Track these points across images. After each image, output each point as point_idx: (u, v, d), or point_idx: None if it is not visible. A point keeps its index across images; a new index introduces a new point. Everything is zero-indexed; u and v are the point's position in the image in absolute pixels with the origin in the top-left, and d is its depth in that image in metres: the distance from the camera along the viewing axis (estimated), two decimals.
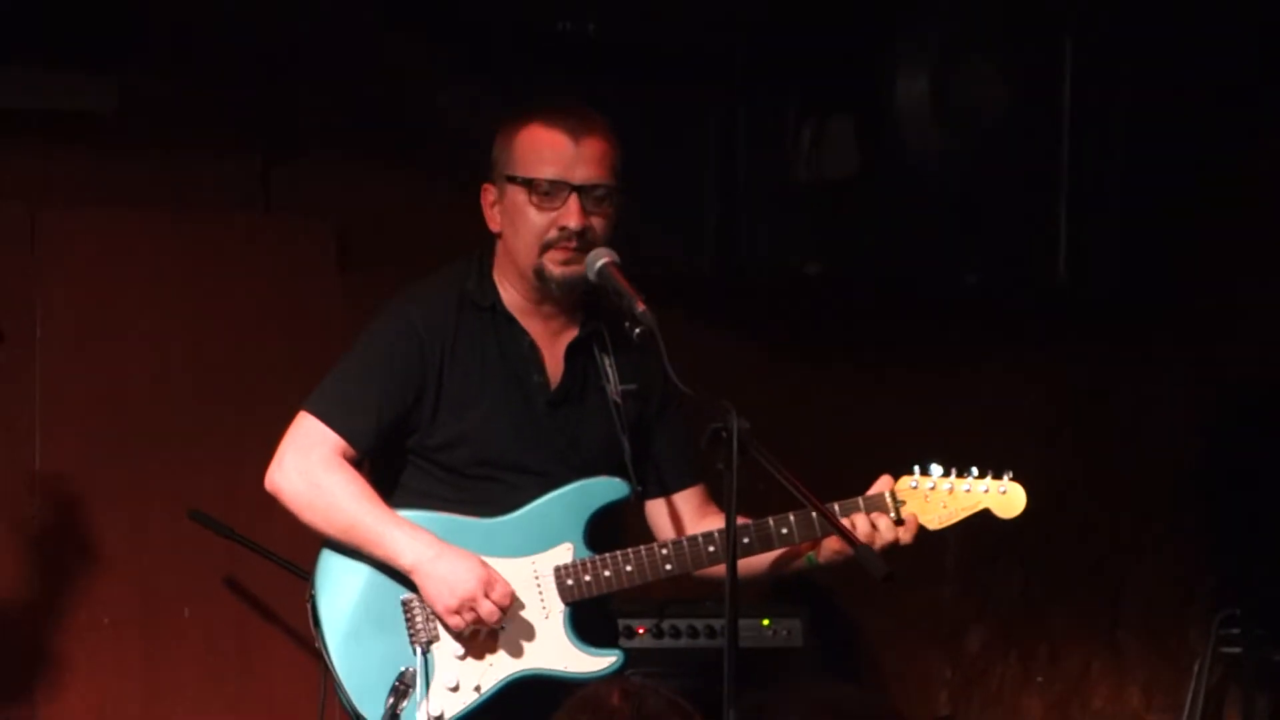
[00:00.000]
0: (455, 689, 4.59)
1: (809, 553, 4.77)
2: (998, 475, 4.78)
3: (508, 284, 4.73)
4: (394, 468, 4.71)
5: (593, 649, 4.67)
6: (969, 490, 4.77)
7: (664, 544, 4.70)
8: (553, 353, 4.74)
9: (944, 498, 4.75)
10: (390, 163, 6.37)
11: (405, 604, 4.61)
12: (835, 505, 4.66)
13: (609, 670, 4.66)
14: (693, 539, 4.70)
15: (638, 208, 4.78)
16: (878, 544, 4.63)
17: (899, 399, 7.02)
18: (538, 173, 4.66)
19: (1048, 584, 7.33)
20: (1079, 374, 7.31)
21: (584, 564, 4.66)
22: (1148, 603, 7.38)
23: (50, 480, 6.08)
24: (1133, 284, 6.86)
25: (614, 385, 4.73)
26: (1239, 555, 7.21)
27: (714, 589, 4.88)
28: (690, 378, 4.42)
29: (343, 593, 4.63)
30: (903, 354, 7.02)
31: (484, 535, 4.64)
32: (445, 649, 4.60)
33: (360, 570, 4.63)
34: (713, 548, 4.66)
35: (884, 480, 4.75)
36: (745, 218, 6.46)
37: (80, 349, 6.16)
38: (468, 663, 4.61)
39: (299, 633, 6.04)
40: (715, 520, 4.80)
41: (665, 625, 6.32)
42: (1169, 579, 7.39)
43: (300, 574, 5.01)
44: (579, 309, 4.75)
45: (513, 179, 4.68)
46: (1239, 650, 7.09)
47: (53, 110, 6.02)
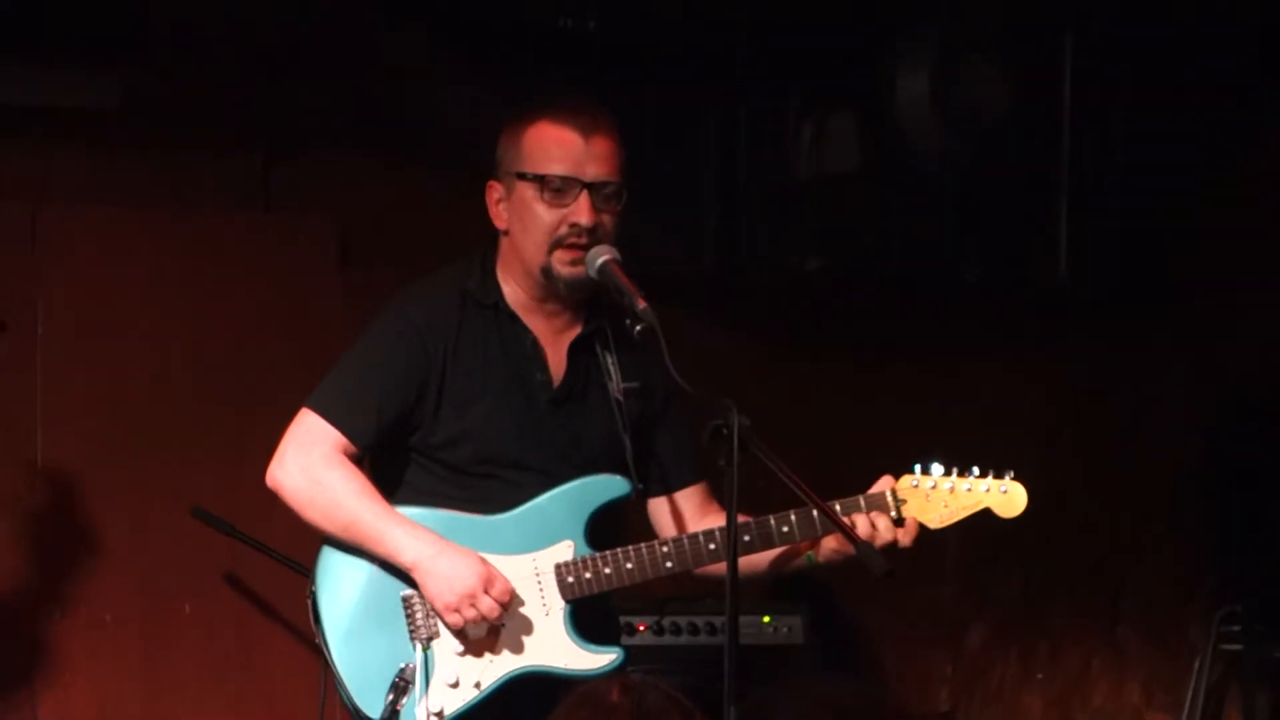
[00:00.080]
0: (455, 685, 4.59)
1: (809, 551, 4.77)
2: (998, 475, 4.77)
3: (512, 281, 4.72)
4: (396, 465, 4.71)
5: (593, 646, 4.66)
6: (970, 490, 4.76)
7: (665, 542, 4.69)
8: (555, 351, 4.73)
9: (945, 497, 4.75)
10: (391, 161, 6.37)
11: (405, 600, 4.61)
12: (836, 504, 4.65)
13: (609, 667, 4.65)
14: (693, 537, 4.69)
15: (638, 207, 4.78)
16: (877, 543, 4.62)
17: (899, 398, 7.02)
18: (548, 169, 4.65)
19: (1048, 583, 7.33)
20: (1079, 374, 7.31)
21: (584, 561, 4.66)
22: (1148, 602, 7.38)
23: (52, 478, 6.08)
24: (1133, 284, 6.85)
25: (616, 383, 4.73)
26: (1239, 555, 7.20)
27: (714, 586, 4.87)
28: (691, 376, 4.42)
29: (343, 589, 4.62)
30: (903, 353, 7.02)
31: (485, 532, 4.64)
32: (445, 645, 4.60)
33: (361, 567, 4.62)
34: (713, 545, 4.66)
35: (885, 480, 4.74)
36: (745, 217, 6.46)
37: (81, 347, 6.16)
38: (468, 659, 4.61)
39: (300, 629, 6.04)
40: (716, 518, 4.80)
41: (666, 622, 6.32)
42: (1169, 579, 7.39)
43: (301, 571, 5.01)
44: (581, 307, 4.75)
45: (522, 175, 4.67)
46: (1240, 647, 7.10)
47: (53, 108, 6.02)
